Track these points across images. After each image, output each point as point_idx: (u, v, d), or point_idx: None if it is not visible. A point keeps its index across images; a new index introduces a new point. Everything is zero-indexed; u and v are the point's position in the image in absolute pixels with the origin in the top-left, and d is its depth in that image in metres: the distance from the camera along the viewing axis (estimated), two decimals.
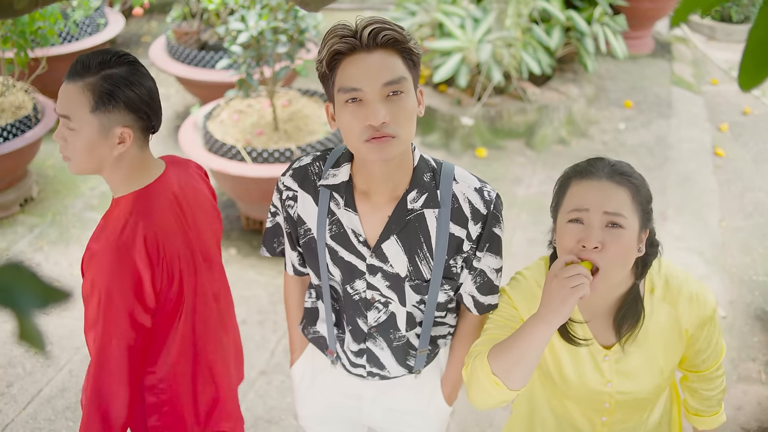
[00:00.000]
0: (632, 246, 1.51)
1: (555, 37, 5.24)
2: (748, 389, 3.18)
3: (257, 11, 3.73)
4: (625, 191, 1.52)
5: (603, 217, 1.49)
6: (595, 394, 1.69)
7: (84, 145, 1.66)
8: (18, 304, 0.56)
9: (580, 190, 1.54)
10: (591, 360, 1.66)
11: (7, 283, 0.57)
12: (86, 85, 1.63)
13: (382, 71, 1.46)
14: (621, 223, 1.49)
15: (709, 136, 5.42)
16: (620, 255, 1.49)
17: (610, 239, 1.48)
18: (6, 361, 3.30)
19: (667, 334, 1.64)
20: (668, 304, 1.63)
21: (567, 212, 1.55)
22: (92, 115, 1.64)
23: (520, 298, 1.70)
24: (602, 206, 1.49)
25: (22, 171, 4.41)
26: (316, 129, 4.09)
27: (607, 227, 1.49)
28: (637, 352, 1.64)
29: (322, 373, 1.93)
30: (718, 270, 3.95)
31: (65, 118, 1.65)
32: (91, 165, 1.70)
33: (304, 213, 1.70)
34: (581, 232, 1.50)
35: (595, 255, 1.47)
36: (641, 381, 1.66)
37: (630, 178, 1.53)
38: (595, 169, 1.55)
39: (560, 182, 1.63)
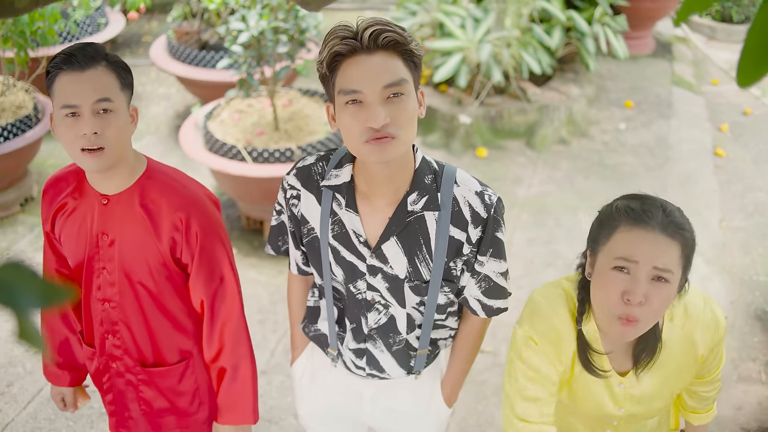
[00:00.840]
0: (670, 300, 1.49)
1: (555, 37, 5.24)
2: (748, 389, 3.18)
3: (258, 11, 3.73)
4: (677, 246, 1.47)
5: (651, 271, 1.45)
6: (606, 416, 1.70)
7: (123, 125, 1.69)
8: (18, 304, 0.56)
9: (631, 239, 1.48)
10: (606, 388, 1.66)
11: (8, 282, 0.57)
12: (107, 66, 1.67)
13: (382, 73, 1.46)
14: (668, 279, 1.46)
15: (709, 136, 5.42)
16: (662, 308, 1.47)
17: (655, 293, 1.45)
18: (6, 361, 3.30)
19: (682, 359, 1.65)
20: (686, 333, 1.63)
21: (614, 258, 1.49)
22: (122, 93, 1.69)
23: (545, 342, 1.63)
24: (653, 261, 1.45)
25: (22, 170, 4.41)
26: (316, 129, 4.09)
27: (653, 281, 1.46)
28: (652, 378, 1.65)
29: (322, 372, 1.93)
30: (718, 270, 3.95)
31: (105, 100, 1.65)
32: (123, 149, 1.72)
33: (307, 212, 1.71)
34: (627, 283, 1.46)
35: (638, 309, 1.46)
36: (653, 404, 1.68)
37: (683, 232, 1.48)
38: (650, 219, 1.47)
39: (605, 218, 1.56)
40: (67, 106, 1.63)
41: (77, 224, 1.81)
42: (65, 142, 1.67)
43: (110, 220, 1.78)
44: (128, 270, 1.81)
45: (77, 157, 1.67)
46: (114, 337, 1.88)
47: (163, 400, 1.95)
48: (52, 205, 1.83)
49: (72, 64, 1.63)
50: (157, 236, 1.78)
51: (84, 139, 1.63)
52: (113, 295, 1.83)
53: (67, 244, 1.84)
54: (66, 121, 1.64)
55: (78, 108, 1.63)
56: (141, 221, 1.77)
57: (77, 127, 1.63)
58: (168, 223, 1.77)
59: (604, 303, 1.50)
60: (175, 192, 1.79)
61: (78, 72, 1.63)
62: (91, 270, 1.83)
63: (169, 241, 1.78)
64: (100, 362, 1.94)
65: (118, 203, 1.77)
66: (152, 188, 1.78)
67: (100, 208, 1.79)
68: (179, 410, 1.96)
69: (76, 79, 1.63)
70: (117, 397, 1.96)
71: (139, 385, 1.93)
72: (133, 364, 1.91)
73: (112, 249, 1.80)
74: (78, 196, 1.81)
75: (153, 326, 1.87)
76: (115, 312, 1.85)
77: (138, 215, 1.77)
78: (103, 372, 1.96)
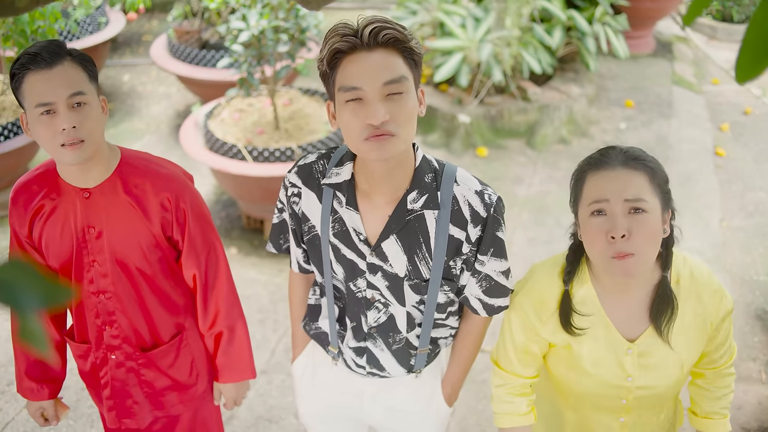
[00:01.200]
0: (658, 227, 1.52)
1: (556, 37, 5.24)
2: (748, 389, 3.18)
3: (258, 10, 3.73)
4: (642, 175, 1.53)
5: (624, 205, 1.50)
6: (614, 389, 1.68)
7: (97, 116, 1.71)
8: (20, 303, 0.56)
9: (597, 182, 1.54)
10: (612, 353, 1.66)
11: (9, 281, 0.57)
12: (72, 60, 1.67)
13: (382, 70, 1.46)
14: (643, 208, 1.50)
15: (710, 135, 5.42)
16: (648, 238, 1.50)
17: (636, 225, 1.49)
18: (7, 360, 3.30)
19: (692, 327, 1.64)
20: (694, 296, 1.63)
21: (587, 205, 1.55)
22: (91, 85, 1.70)
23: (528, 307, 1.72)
24: (622, 194, 1.50)
25: (22, 169, 4.41)
26: (317, 128, 4.09)
27: (630, 214, 1.50)
28: (661, 346, 1.64)
29: (323, 370, 1.93)
30: (718, 270, 3.94)
31: (79, 94, 1.66)
32: (100, 140, 1.74)
33: (308, 210, 1.71)
34: (606, 223, 1.51)
35: (624, 243, 1.49)
36: (662, 375, 1.66)
37: (644, 162, 1.54)
38: (609, 159, 1.55)
39: (576, 176, 1.63)
40: (42, 104, 1.64)
41: (59, 224, 1.81)
42: (43, 141, 1.67)
43: (95, 212, 1.80)
44: (120, 257, 1.82)
45: (57, 152, 1.68)
46: (111, 328, 1.89)
47: (165, 378, 1.98)
48: (26, 210, 1.82)
49: (39, 63, 1.63)
50: (148, 219, 1.81)
51: (63, 135, 1.65)
52: (107, 286, 1.85)
53: (50, 245, 1.83)
54: (42, 119, 1.65)
55: (53, 105, 1.64)
56: (128, 207, 1.80)
57: (55, 123, 1.64)
58: (156, 205, 1.81)
59: (595, 251, 1.54)
60: (157, 174, 1.83)
61: (46, 70, 1.63)
62: (81, 265, 1.84)
63: (159, 221, 1.82)
64: (97, 356, 1.94)
65: (102, 194, 1.79)
66: (133, 174, 1.81)
67: (82, 203, 1.80)
68: (180, 385, 2.00)
69: (46, 77, 1.63)
70: (117, 388, 1.97)
71: (140, 369, 1.95)
72: (133, 351, 1.93)
73: (101, 240, 1.81)
74: (55, 196, 1.81)
75: (149, 308, 1.90)
76: (110, 302, 1.86)
77: (124, 202, 1.80)
78: (100, 366, 1.96)
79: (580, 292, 1.66)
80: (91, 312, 1.89)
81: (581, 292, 1.66)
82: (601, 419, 1.76)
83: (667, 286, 1.61)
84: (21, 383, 2.03)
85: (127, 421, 2.01)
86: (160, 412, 2.02)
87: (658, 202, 1.53)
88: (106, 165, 1.80)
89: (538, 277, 1.73)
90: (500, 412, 1.82)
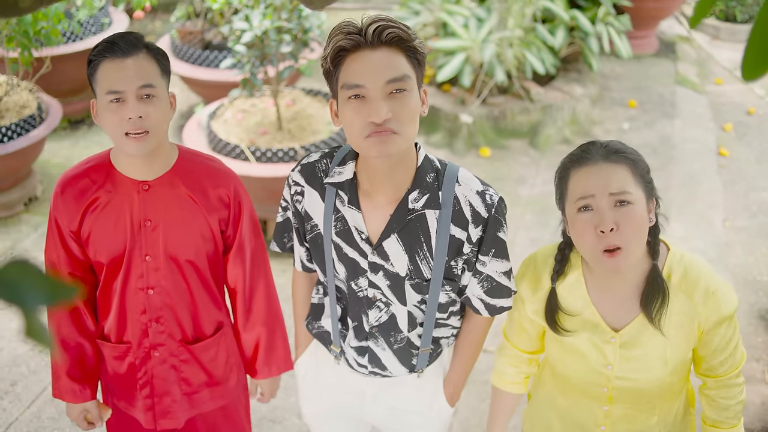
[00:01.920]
0: (644, 218, 1.55)
1: (559, 37, 5.24)
2: (751, 389, 3.17)
3: (261, 11, 3.73)
4: (624, 168, 1.55)
5: (610, 199, 1.53)
6: (595, 375, 1.70)
7: (164, 109, 1.75)
8: (24, 301, 0.56)
9: (580, 178, 1.57)
10: (595, 340, 1.68)
11: (14, 280, 0.57)
12: (148, 53, 1.72)
13: (385, 69, 1.46)
14: (629, 200, 1.53)
15: (713, 135, 5.41)
16: (636, 230, 1.53)
17: (623, 217, 1.52)
18: (10, 360, 3.31)
19: (678, 325, 1.63)
20: (683, 294, 1.62)
21: (574, 202, 1.58)
22: (163, 79, 1.75)
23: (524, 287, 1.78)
24: (607, 188, 1.53)
25: (26, 170, 4.42)
26: (319, 128, 4.09)
27: (616, 207, 1.52)
28: (645, 338, 1.64)
29: (325, 369, 1.93)
30: (721, 270, 3.94)
31: (149, 86, 1.70)
32: (164, 134, 1.78)
33: (310, 209, 1.72)
34: (593, 218, 1.54)
35: (613, 236, 1.51)
36: (642, 368, 1.66)
37: (625, 154, 1.57)
38: (590, 154, 1.58)
39: (559, 173, 1.66)
40: (112, 92, 1.68)
41: (113, 216, 1.82)
42: (109, 127, 1.71)
43: (153, 205, 1.81)
44: (173, 252, 1.84)
45: (121, 141, 1.72)
46: (158, 324, 1.90)
47: (202, 374, 1.99)
48: (78, 203, 1.82)
49: (115, 52, 1.68)
50: (207, 212, 1.84)
51: (129, 124, 1.68)
52: (158, 281, 1.85)
53: (100, 239, 1.83)
54: (111, 106, 1.69)
55: (122, 93, 1.68)
56: (187, 201, 1.83)
57: (122, 112, 1.68)
58: (215, 199, 1.85)
59: (584, 245, 1.57)
60: (214, 170, 1.88)
61: (121, 59, 1.68)
62: (131, 260, 1.83)
63: (218, 215, 1.86)
64: (137, 356, 1.93)
65: (161, 187, 1.81)
66: (192, 169, 1.85)
67: (140, 196, 1.81)
68: (214, 380, 2.01)
69: (119, 66, 1.68)
70: (158, 386, 1.96)
71: (180, 365, 1.96)
72: (177, 346, 1.94)
73: (156, 234, 1.82)
74: (111, 188, 1.81)
75: (197, 303, 1.92)
76: (159, 297, 1.87)
77: (183, 195, 1.82)
78: (140, 366, 1.95)
79: (570, 278, 1.70)
80: (137, 309, 1.88)
81: (571, 278, 1.70)
82: (586, 405, 1.78)
83: (658, 274, 1.62)
84: (60, 385, 1.96)
85: (164, 421, 2.00)
86: (194, 411, 2.02)
87: (642, 192, 1.56)
88: (166, 159, 1.83)
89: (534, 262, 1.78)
90: (495, 369, 1.92)
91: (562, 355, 1.75)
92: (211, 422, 2.08)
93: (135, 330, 1.91)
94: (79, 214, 1.82)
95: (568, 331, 1.69)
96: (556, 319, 1.70)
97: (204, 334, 1.97)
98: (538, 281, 1.75)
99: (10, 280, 0.57)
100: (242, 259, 1.93)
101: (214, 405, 2.05)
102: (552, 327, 1.70)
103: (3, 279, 0.57)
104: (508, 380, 1.89)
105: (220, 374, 2.02)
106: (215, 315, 1.98)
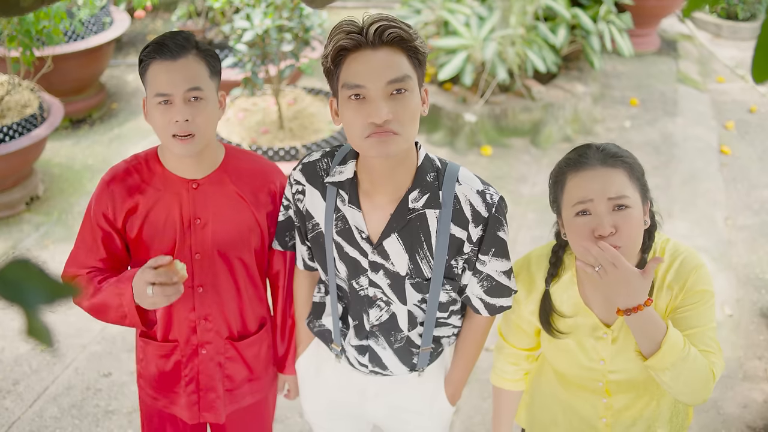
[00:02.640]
0: (641, 220, 1.56)
1: (560, 35, 5.23)
2: (753, 387, 3.17)
3: (262, 9, 3.73)
4: (622, 172, 1.55)
5: (608, 203, 1.53)
6: (588, 371, 1.72)
7: (212, 111, 1.75)
8: (26, 301, 0.56)
9: (578, 183, 1.57)
10: (588, 336, 1.69)
11: (15, 279, 0.57)
12: (197, 54, 1.72)
13: (386, 69, 1.46)
14: (627, 204, 1.53)
15: (715, 134, 5.41)
16: (634, 232, 1.54)
17: (621, 221, 1.52)
18: (12, 359, 3.31)
19: (663, 313, 1.65)
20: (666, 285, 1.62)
21: (571, 206, 1.57)
22: (212, 81, 1.75)
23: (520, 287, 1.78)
24: (605, 193, 1.53)
25: (27, 169, 4.42)
26: (321, 127, 4.09)
27: (614, 211, 1.53)
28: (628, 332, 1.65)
29: (326, 368, 1.93)
30: (724, 268, 3.94)
31: (196, 89, 1.70)
32: (211, 134, 1.79)
33: (312, 207, 1.72)
34: (591, 222, 1.54)
35: (612, 239, 1.52)
36: (634, 360, 1.66)
37: (622, 158, 1.57)
38: (588, 158, 1.57)
39: (554, 177, 1.65)
40: (160, 95, 1.69)
41: (163, 215, 1.81)
42: (157, 128, 1.73)
43: (202, 203, 1.82)
44: (223, 249, 1.85)
45: (169, 142, 1.73)
46: (207, 321, 1.90)
47: (245, 371, 2.00)
48: (126, 200, 1.80)
49: (164, 53, 1.68)
50: (256, 209, 1.85)
51: (176, 126, 1.69)
52: (207, 278, 1.86)
53: (149, 237, 1.82)
54: (159, 108, 1.71)
55: (170, 96, 1.69)
56: (236, 198, 1.84)
57: (169, 114, 1.69)
58: (265, 195, 1.87)
59: (580, 249, 1.56)
60: (261, 166, 1.90)
61: (170, 61, 1.68)
62: (180, 259, 1.82)
63: (266, 210, 1.87)
64: (184, 353, 1.94)
65: (210, 185, 1.82)
66: (240, 166, 1.87)
67: (189, 194, 1.81)
68: (255, 376, 2.03)
69: (168, 68, 1.68)
70: (202, 382, 1.97)
71: (226, 363, 1.97)
72: (224, 343, 1.95)
73: (206, 231, 1.83)
74: (161, 186, 1.81)
75: (243, 299, 1.93)
76: (208, 295, 1.88)
77: (232, 193, 1.84)
78: (186, 363, 1.95)
79: (564, 278, 1.71)
80: (186, 306, 1.88)
81: (564, 278, 1.70)
82: (586, 398, 1.79)
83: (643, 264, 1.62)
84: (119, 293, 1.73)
85: (207, 414, 2.01)
86: (235, 406, 2.04)
87: (638, 195, 1.57)
88: (214, 157, 1.84)
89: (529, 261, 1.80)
90: (495, 369, 1.92)
91: (555, 353, 1.76)
92: (241, 416, 2.10)
93: (183, 328, 1.91)
94: (125, 211, 1.81)
95: (563, 333, 1.70)
96: (551, 322, 1.71)
97: (249, 331, 1.98)
98: (533, 282, 1.75)
99: (12, 280, 0.57)
100: (285, 254, 1.95)
101: (252, 399, 2.06)
102: (547, 330, 1.72)
103: (4, 279, 0.57)
104: (509, 378, 1.89)
105: (261, 369, 2.03)
106: (260, 311, 1.99)
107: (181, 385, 1.98)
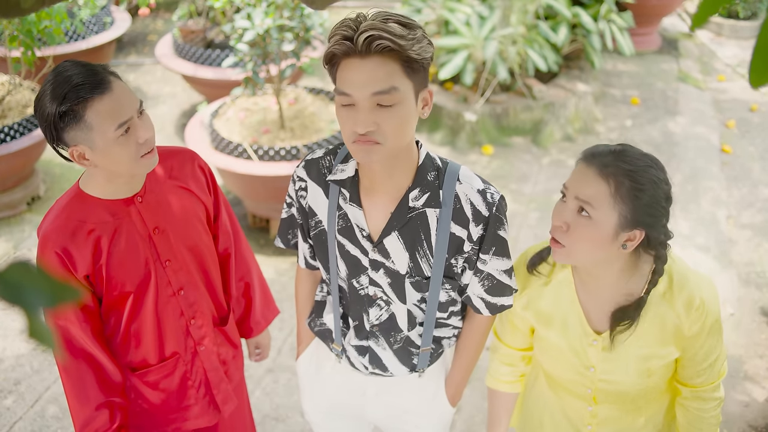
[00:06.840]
0: (599, 240, 1.50)
1: (561, 34, 5.23)
2: (755, 387, 3.17)
3: (263, 9, 3.73)
4: (606, 185, 1.48)
5: (575, 201, 1.52)
6: (578, 376, 1.71)
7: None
8: (27, 302, 0.57)
9: (575, 171, 1.56)
10: (578, 342, 1.68)
11: (17, 280, 0.57)
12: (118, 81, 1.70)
13: (372, 81, 1.43)
14: (589, 213, 1.50)
15: (716, 132, 5.40)
16: (583, 243, 1.51)
17: (576, 225, 1.51)
18: (14, 359, 3.32)
19: (662, 332, 1.61)
20: (667, 303, 1.59)
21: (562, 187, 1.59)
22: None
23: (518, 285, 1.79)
24: (576, 191, 1.52)
25: (29, 169, 4.43)
26: (322, 127, 4.09)
27: (578, 212, 1.52)
28: (626, 344, 1.63)
29: (327, 368, 1.93)
30: (725, 267, 3.94)
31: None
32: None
33: (314, 204, 1.72)
34: (560, 207, 1.56)
35: (560, 234, 1.53)
36: (623, 373, 1.66)
37: (618, 177, 1.48)
38: (594, 156, 1.54)
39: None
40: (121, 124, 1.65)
41: (123, 238, 1.74)
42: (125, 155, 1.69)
43: (153, 211, 1.79)
44: (189, 244, 1.86)
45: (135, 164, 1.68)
46: (196, 319, 1.92)
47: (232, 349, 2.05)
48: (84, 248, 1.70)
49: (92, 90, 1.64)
50: (196, 187, 1.89)
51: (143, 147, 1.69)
52: (184, 278, 1.87)
53: (120, 268, 1.74)
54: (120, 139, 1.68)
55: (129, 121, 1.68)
56: (177, 190, 1.85)
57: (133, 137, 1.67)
58: (195, 173, 1.90)
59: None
60: (175, 150, 1.92)
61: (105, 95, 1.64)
62: (157, 273, 1.80)
63: (203, 186, 1.91)
64: (186, 360, 1.93)
65: (151, 191, 1.80)
66: (162, 161, 1.86)
67: (137, 208, 1.76)
68: (237, 351, 2.09)
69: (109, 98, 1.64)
70: (212, 379, 1.99)
71: (219, 349, 2.00)
72: (215, 335, 1.98)
73: (167, 237, 1.82)
74: (108, 216, 1.73)
75: (214, 281, 1.97)
76: (190, 293, 1.89)
77: (172, 187, 1.85)
78: (191, 370, 1.95)
79: (560, 276, 1.70)
80: (174, 314, 1.86)
81: (560, 276, 1.70)
82: (573, 404, 1.78)
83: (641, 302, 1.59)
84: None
85: (227, 406, 2.04)
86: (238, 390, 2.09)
87: (616, 217, 1.49)
88: None
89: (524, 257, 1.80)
90: (490, 371, 1.93)
91: (547, 355, 1.75)
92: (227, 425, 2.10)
93: (178, 337, 1.89)
94: (90, 257, 1.71)
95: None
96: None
97: (225, 311, 2.04)
98: (527, 278, 1.76)
99: (13, 281, 0.57)
100: (223, 222, 2.00)
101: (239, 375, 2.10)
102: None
103: (5, 280, 0.57)
104: (504, 380, 1.89)
105: (237, 340, 2.09)
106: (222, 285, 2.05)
107: (192, 394, 1.96)
